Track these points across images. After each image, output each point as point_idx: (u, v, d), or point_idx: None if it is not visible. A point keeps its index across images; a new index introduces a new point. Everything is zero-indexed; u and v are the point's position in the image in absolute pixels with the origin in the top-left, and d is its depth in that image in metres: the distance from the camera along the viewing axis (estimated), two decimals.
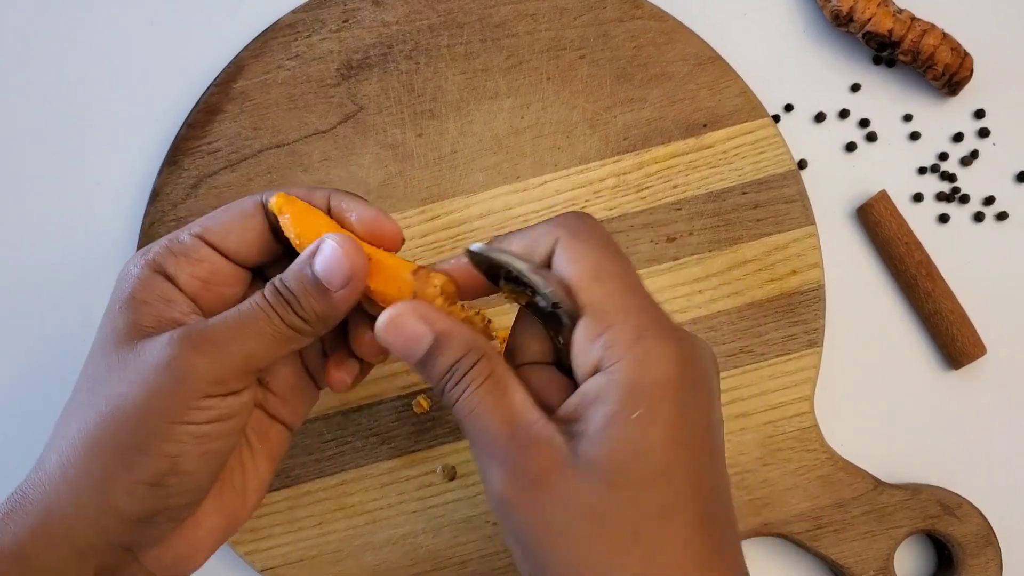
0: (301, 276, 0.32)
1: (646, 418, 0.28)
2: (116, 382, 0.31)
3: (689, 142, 0.46)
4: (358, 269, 0.32)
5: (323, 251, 0.32)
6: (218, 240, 0.34)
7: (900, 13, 0.47)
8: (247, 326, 0.31)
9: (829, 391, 0.46)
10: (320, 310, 0.32)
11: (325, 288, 0.32)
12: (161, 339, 0.31)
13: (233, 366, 0.31)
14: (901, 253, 0.46)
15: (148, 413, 0.31)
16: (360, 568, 0.43)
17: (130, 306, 0.32)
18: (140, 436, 0.31)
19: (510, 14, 0.46)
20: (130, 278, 0.33)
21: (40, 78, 0.48)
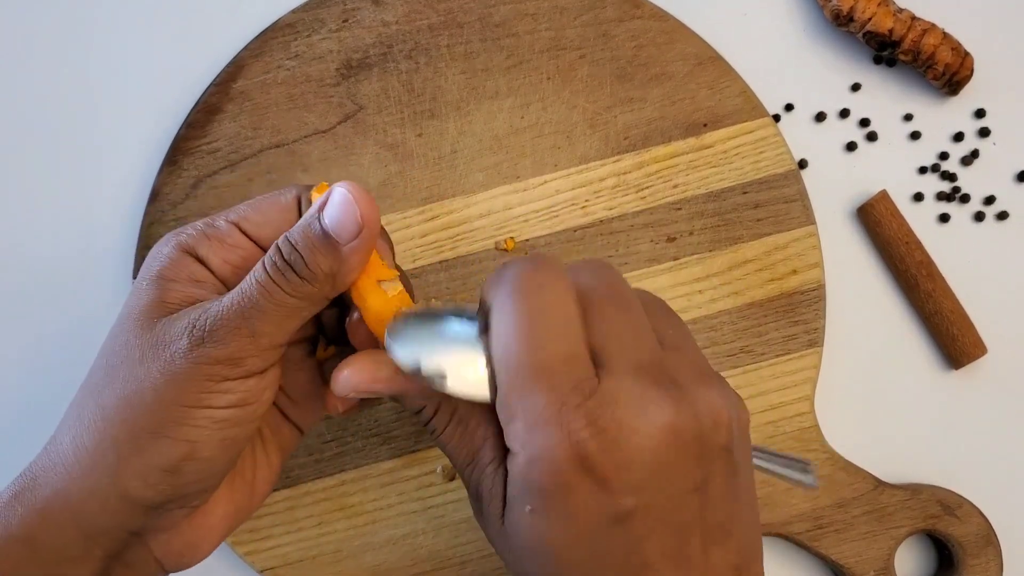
0: (308, 231, 0.30)
1: (537, 514, 0.27)
2: (134, 362, 0.30)
3: (689, 142, 0.46)
4: (369, 218, 0.30)
5: (333, 200, 0.30)
6: (254, 229, 0.33)
7: (900, 13, 0.47)
8: (249, 305, 0.30)
9: (829, 391, 0.46)
10: (327, 267, 0.30)
11: (335, 242, 0.30)
12: (179, 323, 0.30)
13: (246, 347, 0.30)
14: (901, 253, 0.46)
15: (166, 396, 0.30)
16: (360, 568, 0.43)
17: (157, 283, 0.31)
18: (157, 420, 0.30)
19: (510, 14, 0.46)
20: (160, 257, 0.32)
21: (40, 78, 0.48)
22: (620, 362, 0.28)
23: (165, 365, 0.30)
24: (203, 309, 0.30)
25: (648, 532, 0.27)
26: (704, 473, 0.28)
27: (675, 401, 0.27)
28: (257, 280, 0.30)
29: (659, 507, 0.27)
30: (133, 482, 0.30)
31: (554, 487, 0.27)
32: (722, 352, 0.45)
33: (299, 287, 0.30)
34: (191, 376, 0.30)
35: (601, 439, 0.26)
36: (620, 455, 0.26)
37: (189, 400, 0.30)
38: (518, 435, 0.27)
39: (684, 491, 0.27)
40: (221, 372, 0.30)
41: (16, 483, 0.31)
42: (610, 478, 0.26)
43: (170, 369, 0.30)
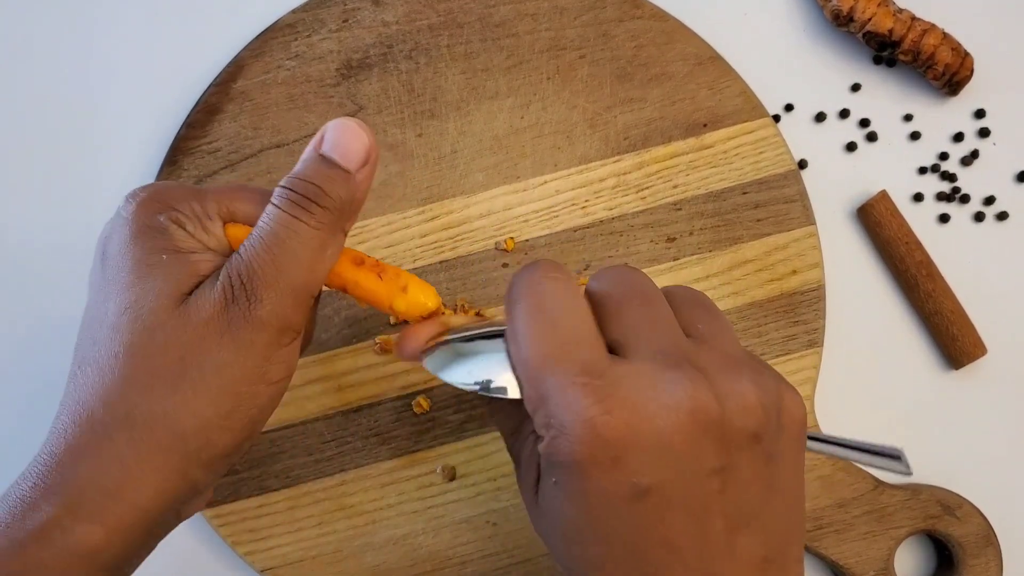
0: (316, 166, 0.30)
1: (561, 488, 0.28)
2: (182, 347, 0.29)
3: (689, 142, 0.46)
4: (373, 146, 0.31)
5: (335, 132, 0.30)
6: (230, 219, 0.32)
7: (900, 13, 0.47)
8: (278, 250, 0.29)
9: (829, 391, 0.46)
10: (345, 196, 0.30)
11: (344, 169, 0.30)
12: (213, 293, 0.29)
13: (287, 303, 0.30)
14: (901, 253, 0.46)
15: (232, 379, 0.29)
16: (360, 568, 0.43)
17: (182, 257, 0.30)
18: (226, 406, 0.29)
19: (510, 14, 0.46)
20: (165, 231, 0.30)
21: (40, 78, 0.48)
22: (638, 349, 0.28)
23: (225, 343, 0.29)
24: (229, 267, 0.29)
25: (666, 512, 0.27)
26: (727, 457, 0.27)
27: (693, 383, 0.27)
28: (278, 222, 0.30)
29: (676, 487, 0.27)
30: (200, 474, 0.30)
31: (572, 464, 0.27)
32: None
33: (322, 216, 0.30)
34: (253, 348, 0.29)
35: (612, 418, 0.26)
36: (631, 433, 0.26)
37: (254, 376, 0.30)
38: (540, 421, 0.28)
39: (702, 473, 0.27)
40: (275, 339, 0.30)
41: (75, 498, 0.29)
42: (623, 456, 0.26)
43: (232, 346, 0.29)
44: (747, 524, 0.28)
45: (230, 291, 0.29)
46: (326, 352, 0.44)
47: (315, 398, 0.44)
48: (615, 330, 0.29)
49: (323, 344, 0.44)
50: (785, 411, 0.29)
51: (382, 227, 0.45)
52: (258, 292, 0.29)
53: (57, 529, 0.28)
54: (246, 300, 0.29)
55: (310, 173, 0.30)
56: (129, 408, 0.29)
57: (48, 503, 0.28)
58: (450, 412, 0.44)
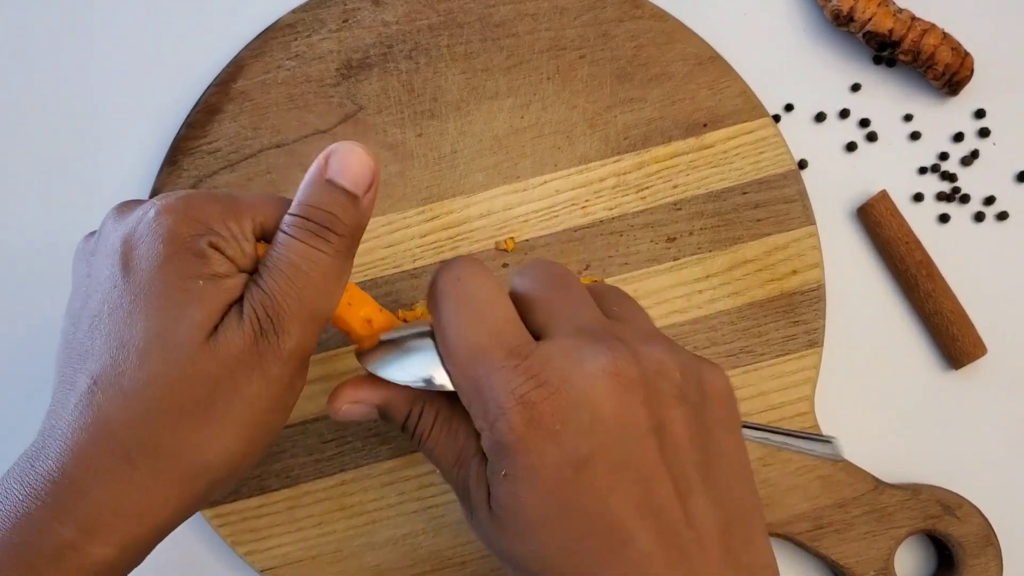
0: (326, 190, 0.30)
1: (510, 477, 0.28)
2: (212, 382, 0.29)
3: (689, 142, 0.46)
4: (377, 169, 0.31)
5: (339, 157, 0.30)
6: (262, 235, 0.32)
7: (900, 13, 0.47)
8: (297, 279, 0.29)
9: (829, 391, 0.46)
10: (355, 221, 0.30)
11: (353, 195, 0.30)
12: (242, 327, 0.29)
13: (308, 331, 0.30)
14: (901, 253, 0.46)
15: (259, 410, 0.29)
16: (360, 568, 0.43)
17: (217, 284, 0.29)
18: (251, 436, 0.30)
19: (510, 14, 0.46)
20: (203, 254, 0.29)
21: (40, 78, 0.48)
22: (559, 328, 0.29)
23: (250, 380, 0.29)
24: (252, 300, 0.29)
25: (612, 481, 0.27)
26: (657, 417, 0.28)
27: (612, 350, 0.28)
28: (295, 252, 0.30)
29: (614, 451, 0.28)
30: (217, 495, 0.31)
31: (516, 443, 0.28)
32: (722, 352, 0.45)
33: (338, 244, 0.30)
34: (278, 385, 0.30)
35: (543, 391, 0.28)
36: (563, 402, 0.27)
37: (277, 405, 0.30)
38: (477, 412, 0.29)
39: (636, 434, 0.28)
40: (298, 369, 0.30)
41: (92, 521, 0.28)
42: (559, 428, 0.27)
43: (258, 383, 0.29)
44: (695, 488, 0.28)
45: (258, 326, 0.29)
46: (326, 352, 0.44)
47: (315, 398, 0.44)
48: (538, 317, 0.30)
49: (323, 344, 0.44)
50: (707, 382, 0.30)
51: (382, 227, 0.45)
52: (285, 325, 0.29)
53: (71, 551, 0.28)
54: (275, 335, 0.29)
55: (322, 200, 0.30)
56: (155, 438, 0.28)
57: (64, 525, 0.28)
58: None
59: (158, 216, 0.30)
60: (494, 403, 0.28)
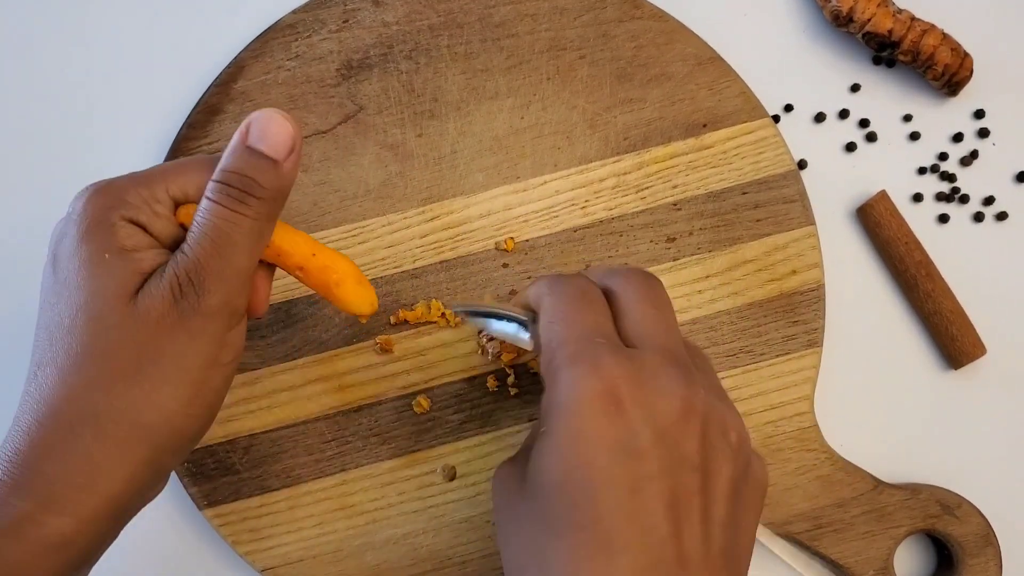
0: (245, 158, 0.31)
1: (548, 434, 0.29)
2: (141, 343, 0.30)
3: (689, 142, 0.46)
4: (298, 135, 0.32)
5: (259, 125, 0.32)
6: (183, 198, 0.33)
7: (900, 13, 0.47)
8: (224, 240, 0.31)
9: (829, 391, 0.46)
10: (276, 184, 0.32)
11: (273, 159, 0.31)
12: (161, 287, 0.31)
13: (233, 288, 0.31)
14: (901, 253, 0.46)
15: (189, 367, 0.31)
16: (360, 568, 0.44)
17: (125, 255, 0.31)
18: (187, 395, 0.31)
19: (510, 14, 0.46)
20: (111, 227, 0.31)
21: (40, 78, 0.48)
22: (648, 342, 0.31)
23: (178, 334, 0.30)
24: (175, 265, 0.31)
25: (650, 484, 0.28)
26: (707, 462, 0.29)
27: (690, 384, 0.29)
28: (219, 216, 0.31)
29: (662, 464, 0.28)
30: (168, 460, 0.32)
31: (574, 407, 0.28)
32: (722, 352, 0.45)
33: (259, 207, 0.31)
34: (205, 335, 0.31)
35: (630, 381, 0.29)
36: (642, 401, 0.29)
37: (208, 362, 0.31)
38: (552, 366, 0.30)
39: (686, 464, 0.29)
40: (225, 323, 0.31)
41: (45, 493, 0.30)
42: (626, 415, 0.28)
43: (185, 335, 0.31)
44: (715, 537, 0.29)
45: (177, 287, 0.31)
46: (326, 352, 0.44)
47: (315, 398, 0.44)
48: (629, 324, 0.31)
49: (323, 344, 0.44)
50: (753, 464, 0.31)
51: (382, 227, 0.45)
52: (206, 284, 0.31)
53: (29, 523, 0.29)
54: (195, 294, 0.31)
55: (242, 165, 0.31)
56: (92, 405, 0.30)
57: (19, 498, 0.29)
58: (450, 412, 0.44)
59: (73, 203, 0.32)
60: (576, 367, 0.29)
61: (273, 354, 0.44)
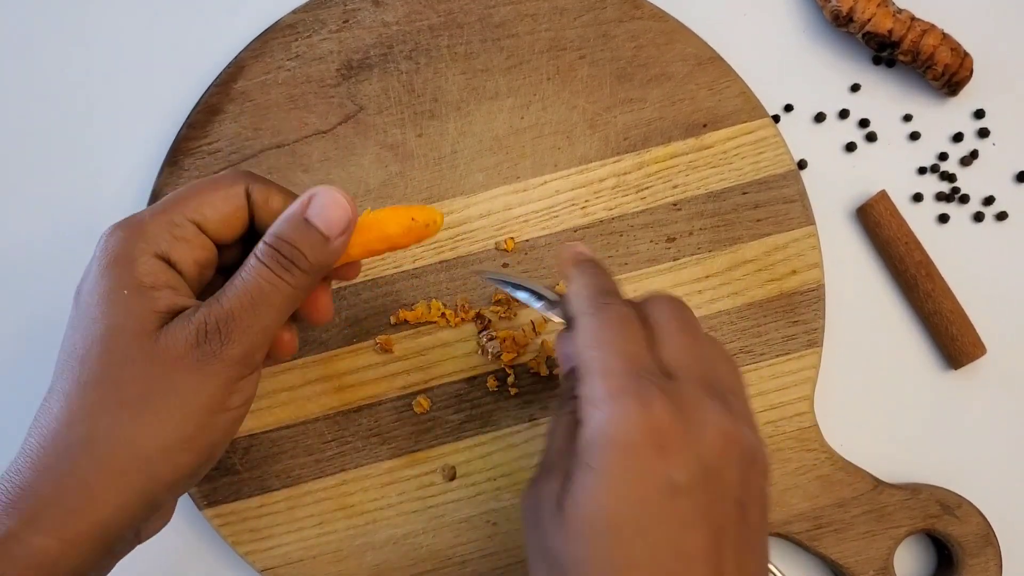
0: (301, 229, 0.33)
1: (595, 471, 0.28)
2: (149, 378, 0.31)
3: (689, 142, 0.46)
4: (355, 213, 0.33)
5: (320, 200, 0.33)
6: (211, 227, 0.34)
7: (900, 13, 0.47)
8: (260, 299, 0.32)
9: (829, 391, 0.46)
10: (322, 260, 0.33)
11: (326, 236, 0.33)
12: (187, 330, 0.31)
13: (257, 342, 0.32)
14: (901, 253, 0.46)
15: (195, 407, 0.31)
16: (360, 568, 0.44)
17: (144, 293, 0.32)
18: (188, 432, 0.31)
19: (510, 14, 0.46)
20: (131, 262, 0.32)
21: (41, 78, 0.48)
22: (686, 373, 0.31)
23: (191, 374, 0.31)
24: (208, 311, 0.32)
25: (693, 519, 0.28)
26: (745, 495, 0.30)
27: (732, 417, 0.30)
28: (263, 277, 0.32)
29: (704, 497, 0.29)
30: (163, 494, 0.32)
31: (624, 444, 0.28)
32: None
33: (301, 279, 0.33)
34: (217, 380, 0.31)
35: (676, 417, 0.29)
36: (687, 436, 0.29)
37: (215, 406, 0.32)
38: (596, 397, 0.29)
39: (728, 497, 0.29)
40: (239, 372, 0.32)
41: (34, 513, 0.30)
42: (674, 452, 0.28)
43: (198, 377, 0.31)
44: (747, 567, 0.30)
45: (204, 332, 0.31)
46: (326, 352, 0.44)
47: (316, 398, 0.44)
48: (665, 355, 0.31)
49: (323, 344, 0.44)
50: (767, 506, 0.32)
51: None
52: (232, 335, 0.31)
53: (13, 541, 0.30)
54: (219, 342, 0.31)
55: (295, 236, 0.33)
56: (92, 431, 0.31)
57: (9, 518, 0.30)
58: (450, 412, 0.44)
59: (98, 243, 0.33)
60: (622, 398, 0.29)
61: None
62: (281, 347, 0.37)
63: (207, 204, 0.34)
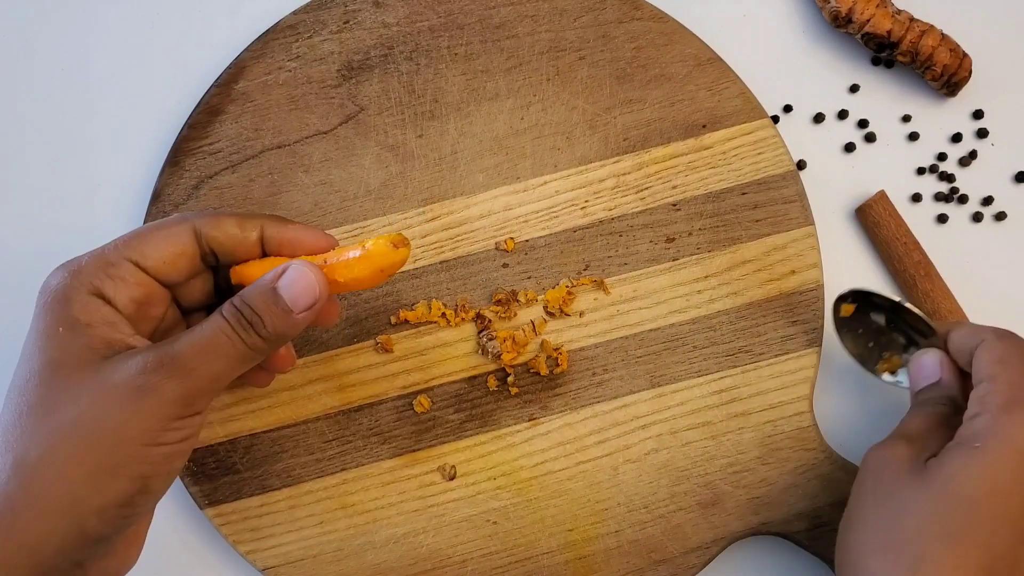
0: (266, 298, 0.34)
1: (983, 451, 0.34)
2: (81, 406, 0.32)
3: (688, 143, 0.46)
4: (323, 292, 0.35)
5: (291, 275, 0.34)
6: (150, 265, 0.35)
7: (899, 14, 0.47)
8: (213, 349, 0.33)
9: (828, 391, 0.46)
10: (282, 330, 0.34)
11: (289, 309, 0.34)
12: (130, 364, 0.32)
13: (202, 388, 0.33)
14: (900, 253, 0.47)
15: (124, 437, 0.32)
16: (361, 567, 0.44)
17: (78, 330, 0.33)
18: (115, 460, 0.32)
19: (510, 15, 0.46)
20: (67, 300, 0.33)
21: (42, 79, 0.48)
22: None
23: (120, 407, 0.32)
24: (160, 350, 0.32)
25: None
26: None
27: None
28: (221, 330, 0.34)
29: None
30: (91, 520, 0.32)
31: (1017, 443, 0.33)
32: (721, 352, 0.45)
33: (256, 342, 0.34)
34: (148, 417, 0.32)
35: None
36: None
37: (147, 438, 0.32)
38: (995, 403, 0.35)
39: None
40: (178, 411, 0.32)
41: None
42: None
43: (126, 411, 0.32)
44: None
45: (145, 366, 0.32)
46: (327, 352, 0.44)
47: (316, 397, 0.44)
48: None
49: (324, 344, 0.44)
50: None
51: (383, 227, 0.45)
52: (176, 374, 0.32)
53: None
54: (159, 376, 0.32)
55: (259, 304, 0.34)
56: (23, 456, 0.32)
57: None
58: (451, 411, 0.45)
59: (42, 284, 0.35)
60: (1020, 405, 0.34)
61: None
62: (278, 361, 0.39)
63: (148, 244, 0.35)
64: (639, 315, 0.45)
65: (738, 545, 0.45)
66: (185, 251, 0.36)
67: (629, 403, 0.45)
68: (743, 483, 0.44)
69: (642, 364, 0.45)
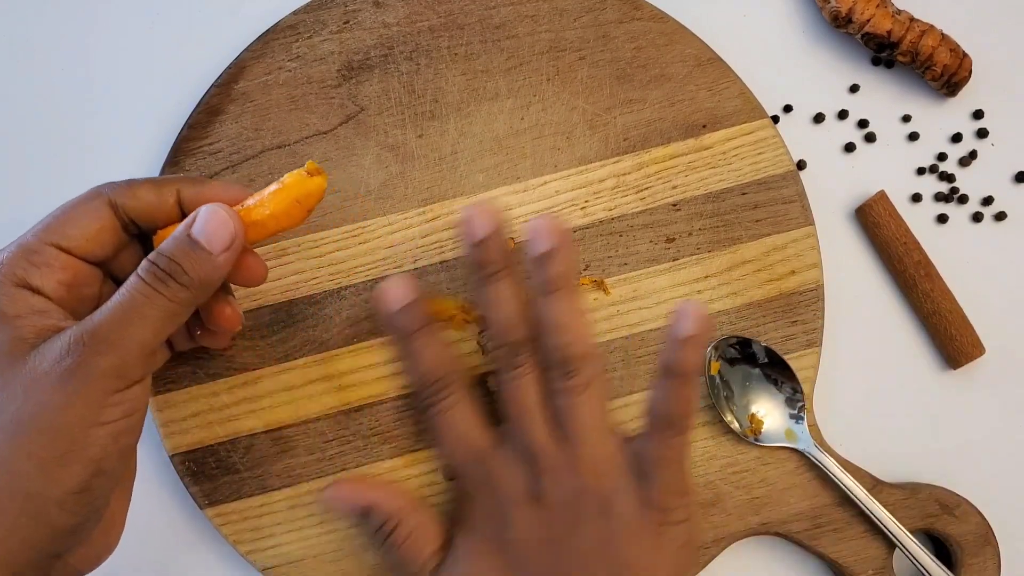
0: (182, 244, 0.33)
1: None
2: (19, 400, 0.31)
3: (688, 143, 0.46)
4: (238, 229, 0.34)
5: (202, 216, 0.33)
6: (73, 245, 0.34)
7: (899, 14, 0.47)
8: (132, 313, 0.32)
9: (828, 391, 0.46)
10: (204, 275, 0.33)
11: (208, 252, 0.33)
12: (54, 348, 0.31)
13: (131, 356, 0.32)
14: (900, 253, 0.47)
15: (65, 423, 0.31)
16: (361, 567, 0.44)
17: (6, 323, 0.32)
18: (61, 447, 0.31)
19: (510, 15, 0.46)
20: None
21: (41, 79, 0.48)
22: None
23: (54, 394, 0.31)
24: (80, 327, 0.32)
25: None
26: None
27: None
28: (137, 290, 0.33)
29: None
30: (54, 512, 0.31)
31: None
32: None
33: (178, 292, 0.33)
34: (84, 398, 0.31)
35: None
36: None
37: (88, 420, 0.31)
38: None
39: None
40: (112, 385, 0.32)
41: None
42: None
43: (61, 397, 0.31)
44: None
45: (67, 347, 0.31)
46: (327, 352, 0.44)
47: (316, 397, 0.44)
48: None
49: (324, 344, 0.44)
50: None
51: (383, 227, 0.45)
52: (99, 347, 0.31)
53: None
54: (82, 354, 0.31)
55: (176, 251, 0.33)
56: None
57: None
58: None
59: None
60: None
61: (273, 354, 0.44)
62: (223, 320, 0.38)
63: (67, 225, 0.34)
64: (639, 315, 0.45)
65: (738, 545, 0.45)
66: (105, 225, 0.35)
67: (630, 403, 0.45)
68: (743, 483, 0.44)
69: (642, 364, 0.45)
